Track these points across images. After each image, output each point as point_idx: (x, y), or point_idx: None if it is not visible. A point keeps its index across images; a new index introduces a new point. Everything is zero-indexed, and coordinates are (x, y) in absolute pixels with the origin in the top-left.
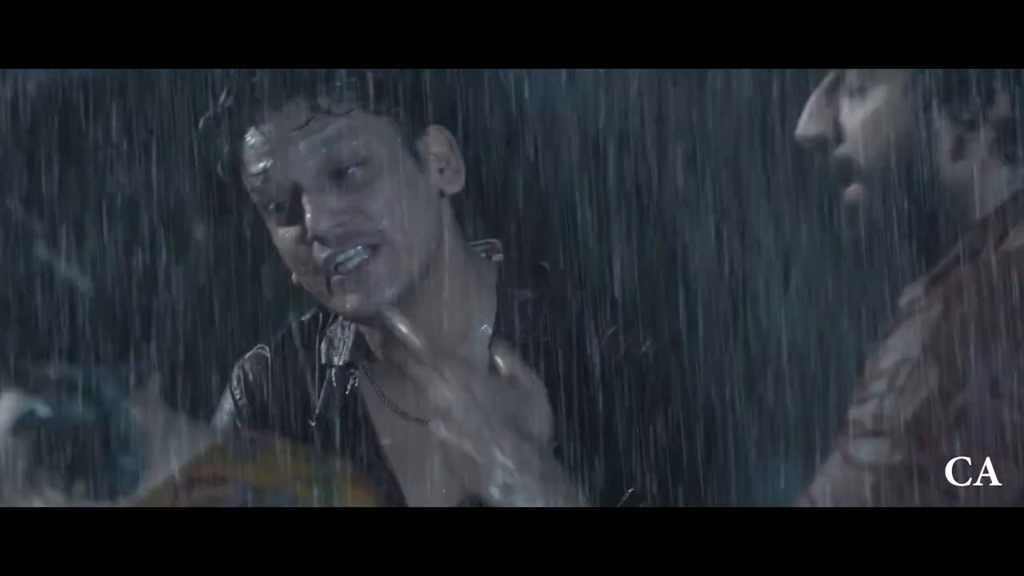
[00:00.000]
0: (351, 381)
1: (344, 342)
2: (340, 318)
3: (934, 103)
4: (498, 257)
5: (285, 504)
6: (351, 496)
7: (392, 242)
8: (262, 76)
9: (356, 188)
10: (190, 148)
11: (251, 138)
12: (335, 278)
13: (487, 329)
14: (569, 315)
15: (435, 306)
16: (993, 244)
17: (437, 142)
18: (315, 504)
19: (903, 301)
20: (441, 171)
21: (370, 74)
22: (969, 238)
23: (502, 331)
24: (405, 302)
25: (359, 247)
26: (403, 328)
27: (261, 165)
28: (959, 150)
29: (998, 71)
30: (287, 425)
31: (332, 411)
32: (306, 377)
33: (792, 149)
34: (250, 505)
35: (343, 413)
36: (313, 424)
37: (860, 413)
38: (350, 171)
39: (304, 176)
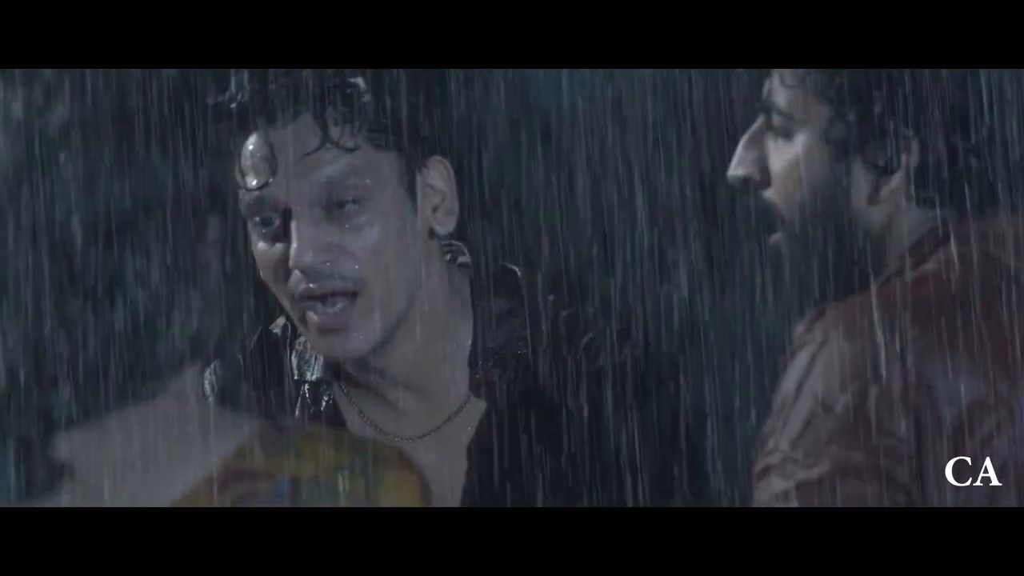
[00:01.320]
0: (325, 398)
1: (316, 357)
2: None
3: (850, 150)
4: (463, 259)
5: (324, 494)
6: (395, 480)
7: (370, 292)
8: (276, 83)
9: (347, 226)
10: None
11: (254, 147)
12: (312, 316)
13: (466, 346)
14: (544, 324)
15: (413, 343)
16: (908, 272)
17: (437, 174)
18: (359, 491)
19: (795, 334)
20: (435, 209)
21: (378, 98)
22: (886, 271)
23: (479, 348)
24: (382, 346)
25: (337, 298)
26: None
27: (260, 180)
28: (875, 195)
29: (909, 121)
30: None
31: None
32: (277, 391)
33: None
34: (287, 496)
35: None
36: None
37: (761, 456)
38: (346, 207)
39: (299, 204)
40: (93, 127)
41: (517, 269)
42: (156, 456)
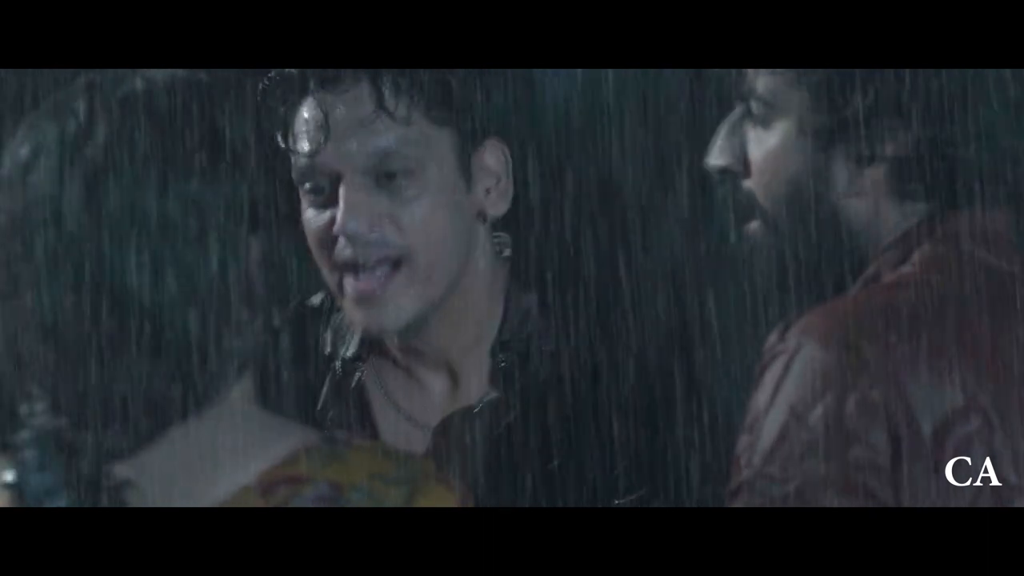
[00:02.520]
0: (357, 375)
1: (352, 333)
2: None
3: (830, 139)
4: (508, 252)
5: (364, 501)
6: (434, 494)
7: (415, 263)
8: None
9: (397, 195)
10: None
11: (309, 113)
12: (350, 281)
13: (493, 337)
14: (575, 321)
15: (448, 324)
16: (887, 274)
17: (492, 156)
18: (398, 501)
19: (767, 344)
20: (488, 191)
21: (439, 76)
22: (865, 272)
23: (503, 339)
24: (417, 326)
25: (382, 263)
26: None
27: (314, 146)
28: (854, 186)
29: (888, 110)
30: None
31: (337, 402)
32: (310, 365)
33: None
34: (327, 501)
35: (346, 406)
36: (316, 413)
37: (735, 473)
38: (397, 179)
39: (351, 171)
40: (136, 145)
41: (555, 264)
42: (203, 467)
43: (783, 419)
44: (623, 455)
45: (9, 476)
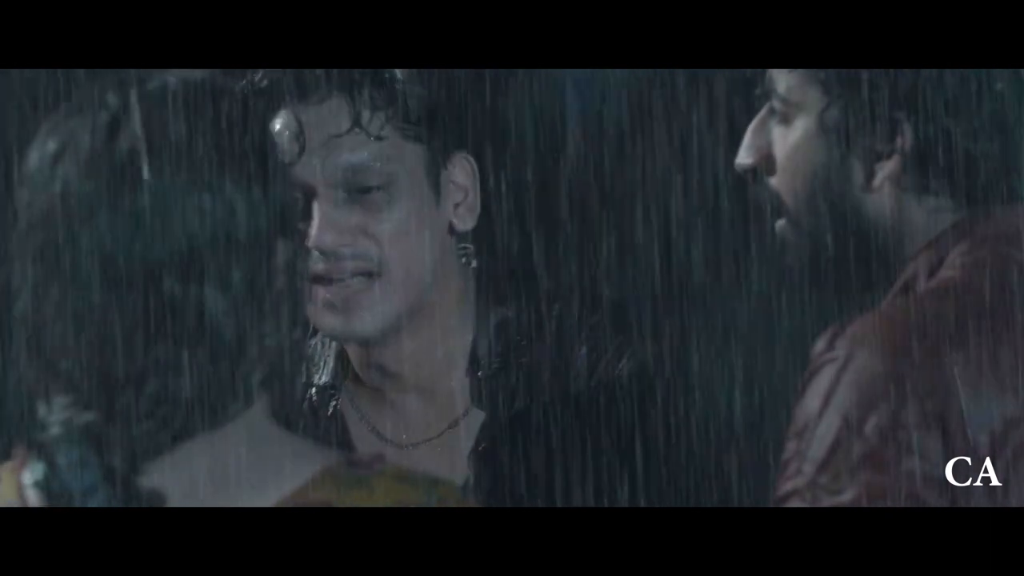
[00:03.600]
0: (333, 403)
1: (325, 360)
2: (320, 333)
3: (847, 135)
4: (474, 263)
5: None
6: None
7: (389, 275)
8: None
9: (370, 209)
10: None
11: (283, 123)
12: (322, 292)
13: (467, 351)
14: (548, 334)
15: (420, 338)
16: (924, 279)
17: (462, 171)
18: None
19: (814, 351)
20: (456, 205)
21: (413, 91)
22: (902, 275)
23: (479, 355)
24: (390, 334)
25: (356, 275)
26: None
27: (288, 158)
28: (870, 181)
29: (900, 104)
30: None
31: (315, 429)
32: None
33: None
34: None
35: (324, 433)
36: None
37: (783, 479)
38: (371, 193)
39: (324, 185)
40: (168, 141)
41: (526, 275)
42: (227, 487)
43: (837, 429)
44: (612, 462)
45: (38, 474)
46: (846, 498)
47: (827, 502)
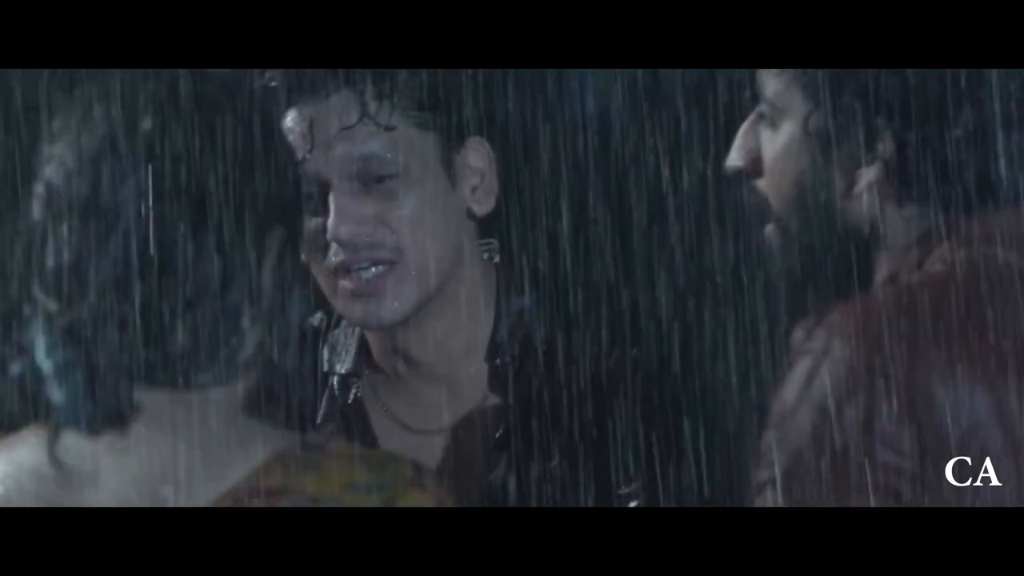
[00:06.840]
0: (354, 390)
1: (347, 349)
2: (344, 323)
3: (829, 142)
4: (496, 258)
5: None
6: (410, 500)
7: (408, 260)
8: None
9: (385, 198)
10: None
11: (293, 120)
12: (345, 283)
13: (486, 340)
14: (566, 324)
15: (443, 323)
16: (906, 274)
17: (476, 155)
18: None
19: (793, 342)
20: (473, 189)
21: (420, 76)
22: (884, 270)
23: (497, 342)
24: (413, 319)
25: (376, 264)
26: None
27: (299, 154)
28: (852, 187)
29: (882, 111)
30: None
31: (334, 419)
32: (307, 382)
33: None
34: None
35: (345, 422)
36: (316, 428)
37: (760, 468)
38: (385, 182)
39: (338, 177)
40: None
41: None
42: (186, 467)
43: (812, 419)
44: (625, 453)
45: (15, 369)
46: (822, 488)
47: (804, 492)
